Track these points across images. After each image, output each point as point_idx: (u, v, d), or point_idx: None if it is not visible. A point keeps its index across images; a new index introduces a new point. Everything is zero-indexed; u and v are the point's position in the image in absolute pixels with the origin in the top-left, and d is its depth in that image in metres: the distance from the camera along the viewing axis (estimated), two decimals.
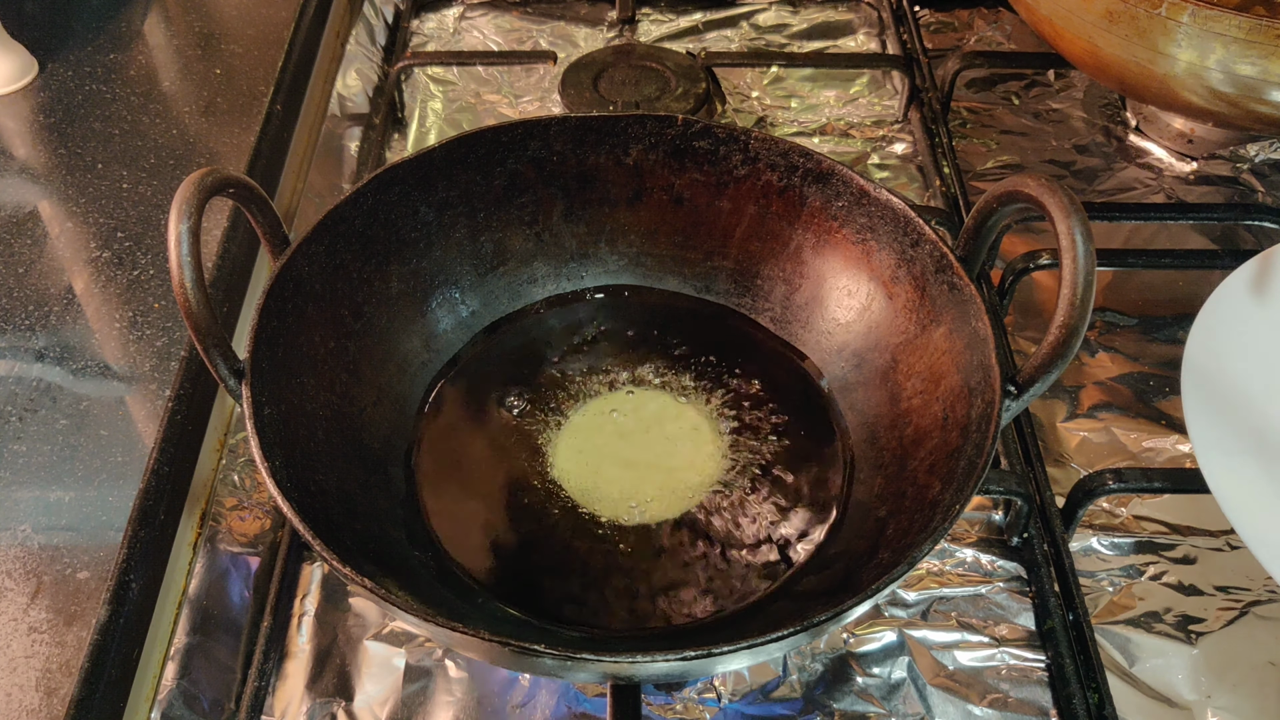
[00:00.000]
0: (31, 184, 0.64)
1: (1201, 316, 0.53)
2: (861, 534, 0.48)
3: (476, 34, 0.86)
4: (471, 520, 0.50)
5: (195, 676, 0.47)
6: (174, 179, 0.64)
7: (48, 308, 0.57)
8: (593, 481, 0.52)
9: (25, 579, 0.46)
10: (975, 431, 0.43)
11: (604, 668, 0.38)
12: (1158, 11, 0.56)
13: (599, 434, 0.54)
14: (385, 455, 0.52)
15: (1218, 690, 0.47)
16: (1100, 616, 0.50)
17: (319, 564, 0.52)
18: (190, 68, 0.73)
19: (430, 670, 0.48)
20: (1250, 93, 0.57)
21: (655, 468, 0.52)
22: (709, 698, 0.47)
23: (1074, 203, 0.39)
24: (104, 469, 0.50)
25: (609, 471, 0.52)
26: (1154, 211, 0.68)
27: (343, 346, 0.51)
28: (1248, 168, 0.73)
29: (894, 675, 0.48)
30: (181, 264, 0.40)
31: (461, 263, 0.57)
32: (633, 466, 0.52)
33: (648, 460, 0.52)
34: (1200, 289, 0.56)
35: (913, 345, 0.51)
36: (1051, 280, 0.65)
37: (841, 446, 0.53)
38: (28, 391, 0.53)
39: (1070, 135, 0.76)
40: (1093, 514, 0.54)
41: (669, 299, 0.60)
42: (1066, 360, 0.40)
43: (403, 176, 0.53)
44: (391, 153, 0.77)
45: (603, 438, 0.53)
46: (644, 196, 0.58)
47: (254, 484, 0.54)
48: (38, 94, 0.70)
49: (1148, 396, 0.59)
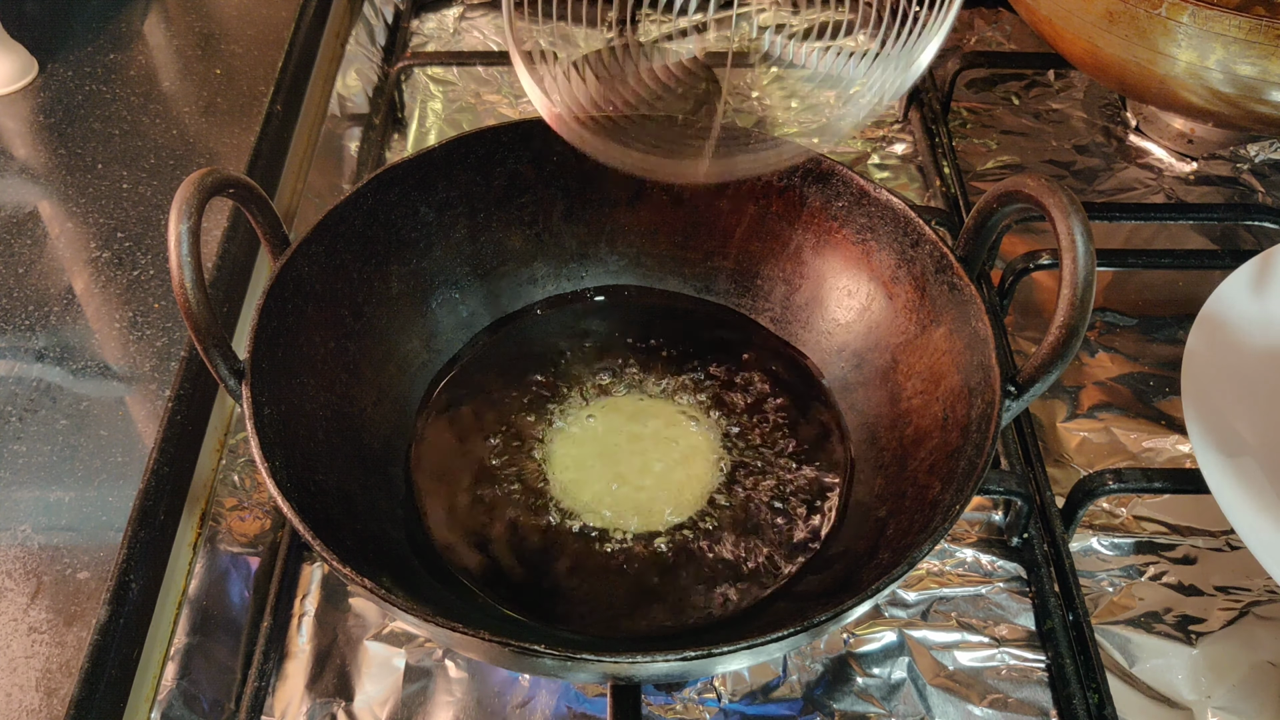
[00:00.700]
0: (31, 184, 0.64)
1: (1201, 317, 0.53)
2: (861, 534, 0.48)
3: (476, 34, 0.86)
4: (472, 520, 0.50)
5: (195, 677, 0.47)
6: (174, 179, 0.64)
7: (48, 308, 0.57)
8: (592, 483, 0.52)
9: (25, 579, 0.46)
10: (975, 432, 0.43)
11: (604, 668, 0.38)
12: (1158, 12, 0.56)
13: (599, 435, 0.54)
14: (385, 455, 0.52)
15: (1218, 690, 0.47)
16: (1100, 617, 0.50)
17: (319, 564, 0.52)
18: (190, 68, 0.73)
19: (430, 670, 0.48)
20: (1250, 93, 0.57)
21: (653, 472, 0.52)
22: (709, 698, 0.47)
23: (1074, 203, 0.39)
24: (104, 469, 0.50)
25: (608, 472, 0.52)
26: (1154, 212, 0.67)
27: (343, 347, 0.51)
28: (1248, 168, 0.73)
29: (894, 675, 0.48)
30: (181, 264, 0.40)
31: (462, 263, 0.57)
32: (631, 469, 0.52)
33: (646, 463, 0.52)
34: (1200, 289, 0.56)
35: (913, 345, 0.51)
36: (1051, 280, 0.65)
37: (842, 447, 0.53)
38: (28, 391, 0.53)
39: (1070, 135, 0.76)
40: (1093, 514, 0.54)
41: (669, 299, 0.60)
42: (1066, 360, 0.40)
43: (403, 177, 0.53)
44: (391, 153, 0.77)
45: (602, 438, 0.53)
46: (644, 197, 0.58)
47: (254, 484, 0.54)
48: (38, 94, 0.70)
49: (1148, 397, 0.59)
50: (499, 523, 0.50)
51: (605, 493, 0.51)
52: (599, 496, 0.51)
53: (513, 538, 0.50)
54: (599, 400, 0.55)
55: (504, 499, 0.51)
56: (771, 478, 0.52)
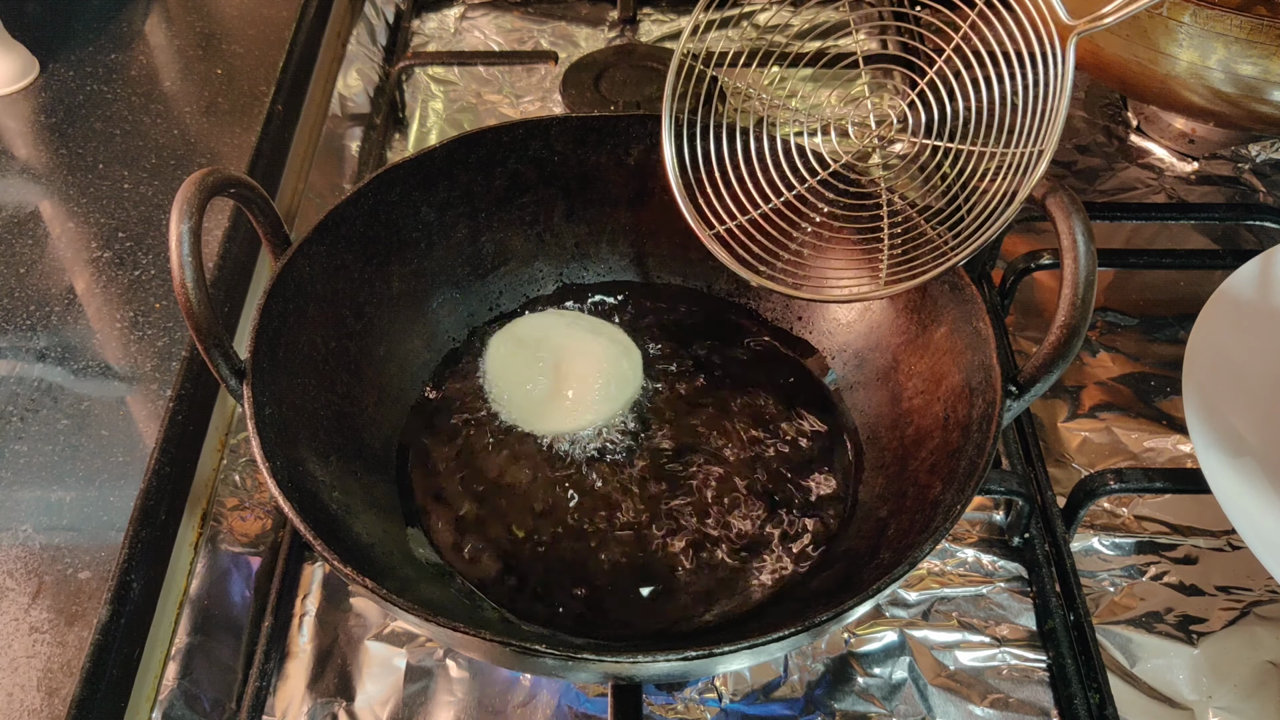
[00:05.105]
0: (33, 184, 0.64)
1: (1203, 316, 0.53)
2: (862, 534, 0.48)
3: (477, 34, 0.86)
4: (472, 520, 0.50)
5: (196, 676, 0.47)
6: (175, 179, 0.64)
7: (49, 308, 0.57)
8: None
9: (27, 579, 0.46)
10: (976, 431, 0.43)
11: (605, 668, 0.38)
12: (1159, 11, 0.56)
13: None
14: (386, 455, 0.52)
15: (1219, 690, 0.47)
16: (1101, 616, 0.50)
17: (320, 564, 0.52)
18: (191, 68, 0.73)
19: (431, 670, 0.48)
20: (1251, 92, 0.57)
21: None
22: (710, 698, 0.47)
23: (1075, 203, 0.39)
24: (105, 469, 0.50)
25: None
26: (1155, 211, 0.67)
27: (344, 346, 0.51)
28: (1249, 168, 0.73)
29: (895, 675, 0.48)
30: (183, 264, 0.40)
31: (463, 263, 0.57)
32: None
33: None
34: (1201, 289, 0.56)
35: (914, 345, 0.51)
36: (1053, 280, 0.65)
37: (843, 447, 0.53)
38: (29, 391, 0.53)
39: (1071, 135, 0.76)
40: (1094, 514, 0.54)
41: (670, 298, 0.60)
42: (1068, 360, 0.40)
43: (404, 176, 0.53)
44: (392, 153, 0.77)
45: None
46: (645, 196, 0.58)
47: (255, 484, 0.54)
48: (39, 94, 0.70)
49: (1149, 396, 0.59)
50: (500, 522, 0.50)
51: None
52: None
53: (514, 538, 0.49)
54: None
55: (505, 499, 0.51)
56: (772, 478, 0.52)
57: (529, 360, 0.54)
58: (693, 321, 0.59)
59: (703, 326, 0.58)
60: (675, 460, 0.52)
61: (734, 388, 0.55)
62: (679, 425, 0.54)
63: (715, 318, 0.59)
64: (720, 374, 0.56)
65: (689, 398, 0.55)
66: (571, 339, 0.55)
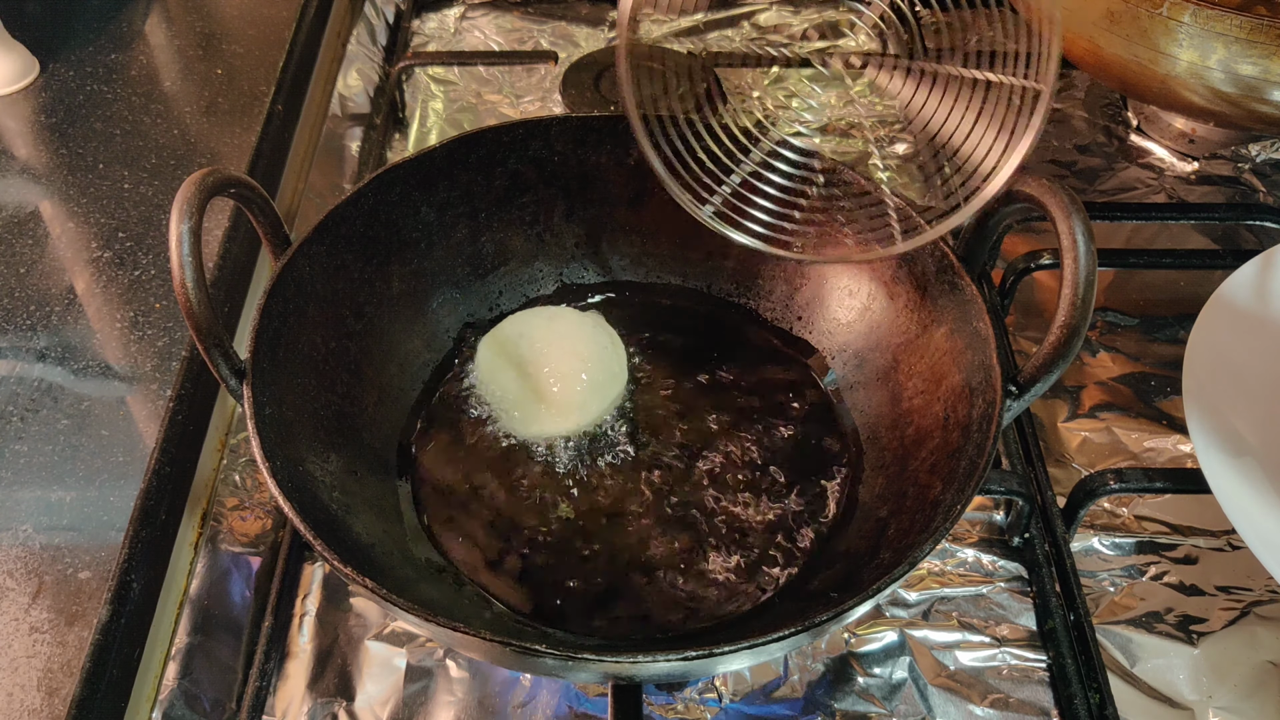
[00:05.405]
0: (33, 184, 0.64)
1: (1203, 316, 0.53)
2: (863, 534, 0.48)
3: (477, 34, 0.86)
4: (473, 520, 0.50)
5: (196, 676, 0.47)
6: (175, 179, 0.64)
7: (49, 308, 0.57)
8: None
9: (27, 579, 0.46)
10: (976, 431, 0.43)
11: (605, 668, 0.38)
12: (1159, 11, 0.56)
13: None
14: (386, 455, 0.52)
15: (1219, 690, 0.47)
16: (1101, 616, 0.50)
17: (320, 564, 0.52)
18: (191, 68, 0.73)
19: (431, 670, 0.48)
20: (1251, 92, 0.57)
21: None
22: (710, 698, 0.47)
23: (1075, 203, 0.39)
24: (105, 469, 0.50)
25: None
26: (1155, 211, 0.67)
27: (344, 346, 0.51)
28: (1249, 168, 0.73)
29: (895, 675, 0.48)
30: (183, 264, 0.40)
31: (463, 263, 0.57)
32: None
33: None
34: (1201, 289, 0.56)
35: (914, 345, 0.51)
36: (1053, 280, 0.65)
37: (843, 447, 0.53)
38: (29, 391, 0.53)
39: (1071, 135, 0.76)
40: (1094, 514, 0.54)
41: (670, 298, 0.60)
42: (1068, 360, 0.40)
43: (404, 176, 0.53)
44: (392, 153, 0.77)
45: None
46: (645, 196, 0.58)
47: (255, 484, 0.54)
48: (39, 94, 0.70)
49: (1149, 396, 0.59)
50: (500, 522, 0.50)
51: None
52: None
53: (514, 537, 0.49)
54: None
55: (505, 499, 0.51)
56: (771, 478, 0.52)
57: (511, 362, 0.54)
58: (693, 321, 0.59)
59: (703, 326, 0.58)
60: (675, 460, 0.52)
61: (734, 387, 0.55)
62: (679, 425, 0.54)
63: (715, 318, 0.59)
64: (720, 374, 0.56)
65: (689, 398, 0.55)
66: (553, 338, 0.55)
